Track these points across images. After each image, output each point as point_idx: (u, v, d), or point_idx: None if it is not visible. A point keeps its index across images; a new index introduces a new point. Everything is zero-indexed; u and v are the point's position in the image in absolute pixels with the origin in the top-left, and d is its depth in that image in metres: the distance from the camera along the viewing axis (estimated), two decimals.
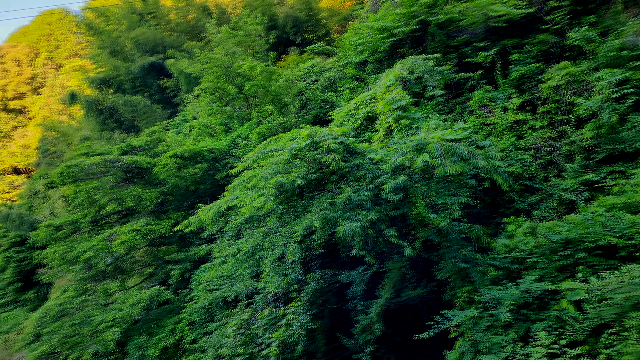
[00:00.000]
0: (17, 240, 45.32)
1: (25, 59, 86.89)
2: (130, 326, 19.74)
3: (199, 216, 12.37)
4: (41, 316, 20.36)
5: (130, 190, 22.24)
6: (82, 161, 22.37)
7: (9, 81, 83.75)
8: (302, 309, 12.53)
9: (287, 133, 13.48)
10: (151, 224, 21.19)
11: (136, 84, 40.32)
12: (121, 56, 41.29)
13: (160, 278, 22.95)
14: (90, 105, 38.32)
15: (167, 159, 21.25)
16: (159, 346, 18.26)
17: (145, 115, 36.32)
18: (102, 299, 21.63)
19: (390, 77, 13.09)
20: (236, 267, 13.75)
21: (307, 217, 10.07)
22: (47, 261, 22.75)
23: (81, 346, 18.72)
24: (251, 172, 11.76)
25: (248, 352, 12.77)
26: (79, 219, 23.82)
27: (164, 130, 28.21)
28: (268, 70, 20.11)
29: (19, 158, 72.11)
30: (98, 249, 20.43)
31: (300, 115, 19.78)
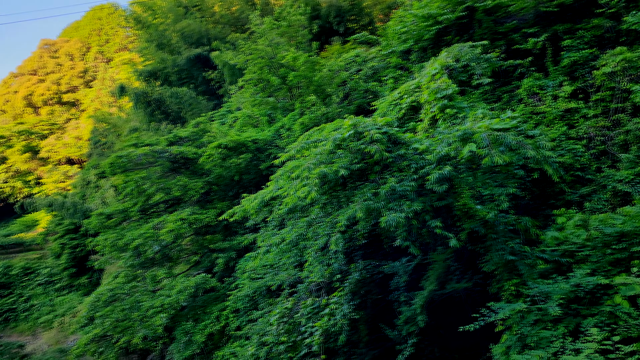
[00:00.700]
0: (71, 227, 47.33)
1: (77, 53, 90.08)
2: (177, 312, 20.29)
3: (243, 206, 12.52)
4: (94, 301, 21.20)
5: (176, 180, 22.78)
6: (131, 152, 23.06)
7: (63, 75, 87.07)
8: (344, 299, 12.55)
9: (330, 123, 13.42)
10: (197, 213, 21.66)
11: (182, 75, 41.15)
12: (168, 49, 42.19)
13: (205, 266, 23.48)
14: (138, 98, 39.39)
15: (212, 150, 21.63)
16: (205, 332, 18.70)
17: (190, 107, 37.05)
18: (151, 285, 22.32)
19: (436, 66, 12.83)
20: (280, 257, 13.90)
21: (351, 208, 10.03)
22: (99, 248, 23.60)
23: (131, 330, 19.40)
24: (295, 163, 11.81)
25: (291, 340, 12.92)
26: (128, 207, 24.60)
27: (209, 121, 28.73)
28: (311, 61, 20.08)
29: (72, 149, 75.00)
30: (146, 237, 21.06)
31: (343, 105, 19.69)
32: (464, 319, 9.83)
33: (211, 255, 22.44)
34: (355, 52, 22.04)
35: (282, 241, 12.53)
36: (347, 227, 11.12)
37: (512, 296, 9.80)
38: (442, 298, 11.95)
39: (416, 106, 13.38)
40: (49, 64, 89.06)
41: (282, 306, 13.82)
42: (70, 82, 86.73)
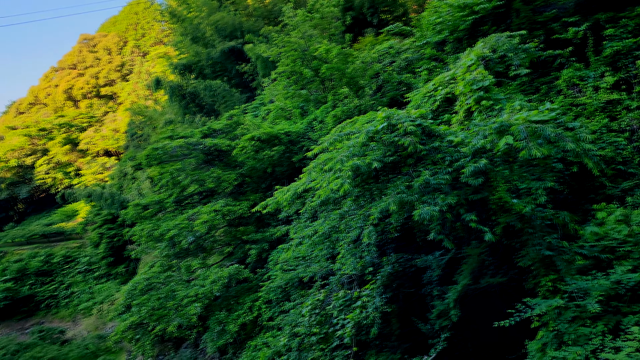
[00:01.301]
0: (109, 218, 48.63)
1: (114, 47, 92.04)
2: (211, 302, 20.62)
3: (276, 198, 12.58)
4: (131, 289, 21.74)
5: (210, 172, 23.09)
6: (166, 144, 23.48)
7: (101, 69, 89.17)
8: (376, 291, 12.53)
9: (363, 116, 13.34)
10: (230, 205, 21.92)
11: (216, 69, 41.60)
12: (202, 42, 42.68)
13: (238, 257, 23.77)
14: (173, 91, 40.03)
15: (246, 142, 21.81)
16: (238, 322, 18.97)
17: (224, 99, 37.44)
18: (185, 275, 22.76)
19: (471, 57, 12.58)
20: (312, 249, 13.96)
21: (384, 200, 9.97)
22: (136, 238, 24.15)
23: (167, 319, 19.83)
24: (327, 155, 11.79)
25: (323, 332, 12.99)
26: (163, 199, 25.09)
27: (242, 114, 29.00)
28: (344, 53, 19.99)
29: (109, 141, 76.90)
30: (181, 227, 21.44)
31: (376, 97, 19.55)
32: (499, 314, 9.68)
33: (244, 247, 22.71)
34: (388, 44, 21.82)
35: (315, 233, 12.57)
36: (380, 219, 11.08)
37: (548, 292, 9.59)
38: (476, 293, 11.78)
39: (451, 98, 13.16)
40: (88, 58, 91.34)
41: (314, 298, 13.89)
42: (108, 76, 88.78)
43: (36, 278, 51.80)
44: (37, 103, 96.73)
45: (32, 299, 49.99)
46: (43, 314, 49.29)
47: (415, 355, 12.10)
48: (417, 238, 13.36)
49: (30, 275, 51.82)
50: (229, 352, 22.06)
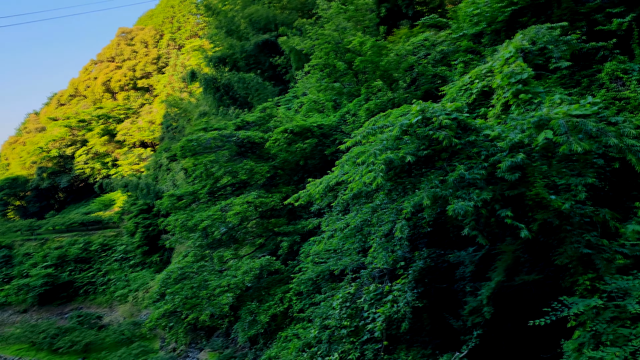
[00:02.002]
0: (144, 207, 49.73)
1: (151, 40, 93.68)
2: (242, 292, 20.90)
3: (308, 190, 12.59)
4: (165, 278, 22.19)
5: (243, 164, 23.30)
6: (200, 136, 23.80)
7: (138, 61, 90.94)
8: (408, 286, 12.45)
9: (396, 109, 13.22)
10: (262, 197, 22.10)
11: (250, 61, 41.87)
12: (236, 35, 43.00)
13: (270, 249, 23.97)
14: (208, 83, 40.50)
15: (278, 134, 21.91)
16: (269, 313, 19.16)
17: (257, 92, 37.68)
18: (218, 265, 23.09)
19: (510, 49, 12.27)
20: (343, 242, 13.93)
21: (417, 194, 9.86)
22: (170, 228, 24.61)
23: (199, 307, 20.19)
24: (360, 148, 11.72)
25: (353, 325, 13.00)
26: (197, 190, 25.47)
27: (275, 107, 29.13)
28: (378, 45, 19.79)
29: (145, 133, 78.52)
30: (214, 218, 21.74)
31: (410, 90, 19.31)
32: (534, 312, 9.49)
33: (276, 239, 22.88)
34: (423, 36, 21.49)
35: (347, 226, 12.55)
36: (413, 214, 10.98)
37: (586, 291, 9.33)
38: (510, 290, 11.57)
39: (487, 91, 12.89)
40: (126, 51, 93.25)
41: (344, 291, 13.90)
42: (145, 69, 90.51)
43: (75, 265, 53.47)
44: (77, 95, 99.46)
45: (71, 285, 51.64)
46: (81, 300, 50.89)
47: (446, 352, 11.97)
48: (450, 233, 13.18)
49: (69, 262, 53.53)
50: (259, 342, 22.32)
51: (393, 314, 12.06)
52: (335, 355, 12.46)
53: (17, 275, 53.18)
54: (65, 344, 40.04)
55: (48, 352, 40.81)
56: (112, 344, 39.45)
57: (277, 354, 16.00)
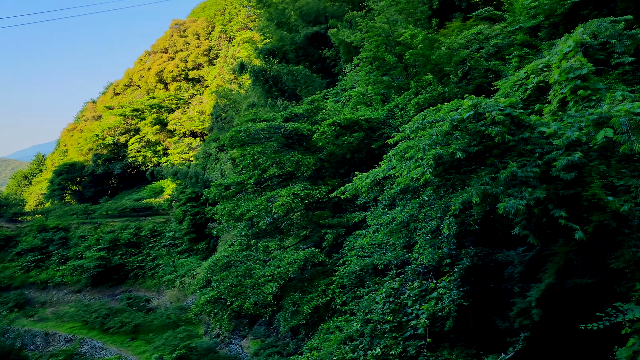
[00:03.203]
0: (193, 196, 50.96)
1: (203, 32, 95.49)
2: (286, 282, 21.11)
3: (354, 184, 12.57)
4: (211, 265, 22.70)
5: (290, 156, 23.48)
6: (249, 127, 24.13)
7: (190, 53, 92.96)
8: (453, 284, 12.25)
9: (446, 104, 12.97)
10: (308, 189, 22.22)
11: (299, 54, 42.06)
12: (286, 27, 43.24)
13: (314, 241, 24.11)
14: (257, 75, 40.96)
15: (326, 127, 21.93)
16: (312, 304, 19.29)
17: (305, 85, 37.82)
18: (262, 255, 23.43)
19: (569, 43, 11.80)
20: (388, 236, 13.83)
21: (466, 191, 9.67)
22: (217, 217, 25.12)
23: (243, 296, 20.54)
24: (408, 143, 11.58)
25: (396, 321, 12.91)
26: (244, 180, 25.88)
27: (323, 99, 29.15)
28: (429, 38, 19.44)
29: (195, 123, 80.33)
30: (260, 209, 22.03)
31: (461, 85, 18.89)
32: (585, 316, 9.16)
33: (320, 231, 22.98)
34: (477, 29, 20.96)
35: (393, 221, 12.45)
36: (461, 211, 10.77)
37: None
38: (561, 293, 11.20)
39: (544, 87, 12.46)
40: (178, 42, 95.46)
41: (388, 286, 13.82)
42: (196, 60, 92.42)
43: (126, 249, 55.47)
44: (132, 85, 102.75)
45: (122, 268, 53.62)
46: (131, 283, 52.78)
47: (492, 353, 11.73)
48: (499, 232, 12.87)
49: (121, 246, 55.57)
50: (301, 332, 22.55)
51: (437, 311, 11.90)
52: (377, 350, 12.42)
53: (72, 257, 55.68)
54: (116, 324, 41.71)
55: (99, 331, 42.61)
56: (159, 327, 40.77)
57: (318, 345, 16.11)
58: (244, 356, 30.80)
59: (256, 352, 26.83)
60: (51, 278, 54.02)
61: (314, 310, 19.74)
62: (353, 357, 12.92)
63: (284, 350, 24.46)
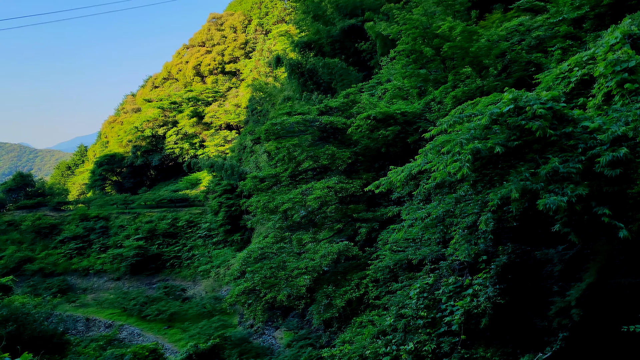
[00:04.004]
0: (228, 188, 51.63)
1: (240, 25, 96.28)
2: (319, 275, 21.18)
3: (389, 178, 12.46)
4: (245, 256, 22.98)
5: (325, 149, 23.49)
6: (284, 120, 24.24)
7: (226, 46, 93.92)
8: (490, 281, 12.04)
9: (485, 97, 12.71)
10: (343, 182, 22.19)
11: (335, 47, 41.93)
12: (322, 20, 43.16)
13: (348, 234, 24.09)
14: (292, 68, 41.07)
15: (361, 121, 21.84)
16: (345, 297, 19.30)
17: (341, 78, 37.70)
18: (296, 247, 23.56)
19: (616, 34, 11.37)
20: (423, 231, 13.70)
21: (505, 187, 9.46)
22: (252, 209, 25.37)
23: (277, 287, 20.72)
24: (445, 137, 11.40)
25: (430, 316, 12.80)
26: (279, 172, 26.04)
27: (358, 93, 29.01)
28: (468, 31, 19.07)
29: (231, 116, 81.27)
30: (295, 201, 22.15)
31: (501, 78, 18.46)
32: (628, 318, 8.86)
33: (354, 224, 22.94)
34: (518, 21, 20.44)
35: (428, 216, 12.31)
36: (499, 207, 10.56)
37: None
38: (602, 293, 10.86)
39: (588, 80, 12.06)
40: (216, 36, 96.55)
41: (422, 281, 13.70)
42: (233, 53, 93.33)
43: (163, 239, 56.70)
44: (170, 78, 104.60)
45: (159, 257, 54.87)
46: (168, 272, 53.96)
47: (528, 352, 11.49)
48: (539, 229, 12.57)
49: (158, 236, 56.84)
50: (333, 325, 22.60)
51: (472, 308, 11.73)
52: (410, 345, 12.34)
53: (112, 245, 57.29)
54: (153, 312, 42.77)
55: (137, 318, 43.77)
56: (194, 316, 41.58)
57: (351, 339, 16.11)
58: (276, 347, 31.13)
59: (289, 344, 27.07)
60: (92, 265, 55.73)
61: (347, 304, 19.74)
62: (386, 351, 12.87)
63: (317, 343, 24.60)
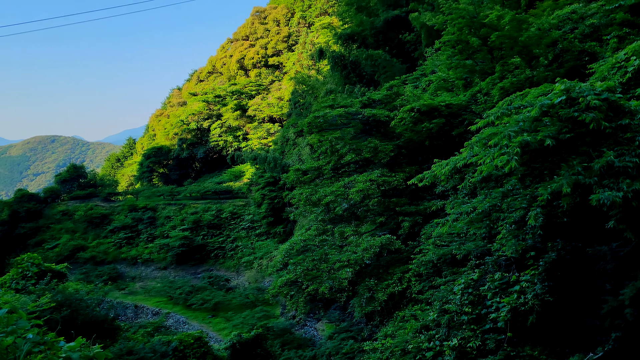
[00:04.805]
0: (271, 180, 52.13)
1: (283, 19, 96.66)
2: (361, 268, 21.14)
3: (433, 171, 12.27)
4: (288, 248, 23.18)
5: (367, 142, 23.34)
6: (327, 113, 24.22)
7: (270, 40, 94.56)
8: (538, 278, 11.69)
9: (535, 88, 12.29)
10: (385, 176, 22.02)
11: (379, 38, 41.53)
12: (366, 11, 42.80)
13: (390, 227, 23.91)
14: (335, 60, 40.95)
15: (404, 113, 21.57)
16: (387, 291, 19.20)
17: (384, 70, 37.33)
18: (338, 240, 23.58)
19: None
20: (468, 226, 13.43)
21: (555, 181, 9.15)
22: (294, 201, 25.54)
23: (319, 280, 20.82)
24: (492, 129, 11.10)
25: (475, 312, 12.56)
26: (322, 165, 26.07)
27: (402, 85, 28.66)
28: (517, 19, 18.45)
29: (274, 109, 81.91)
30: (337, 194, 22.14)
31: (552, 68, 17.79)
32: None
33: (397, 218, 22.75)
34: (571, 8, 19.64)
35: (473, 210, 12.06)
36: (548, 202, 10.22)
37: None
38: None
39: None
40: (259, 29, 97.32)
41: (467, 277, 13.45)
42: (276, 47, 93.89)
43: (208, 230, 57.87)
44: (214, 72, 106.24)
45: (203, 248, 56.07)
46: (212, 263, 55.09)
47: (578, 351, 11.12)
48: (591, 225, 12.09)
49: (203, 227, 58.05)
50: (375, 319, 22.53)
51: (520, 305, 11.43)
52: (454, 341, 12.15)
53: (159, 236, 58.92)
54: (197, 301, 43.81)
55: (183, 306, 44.94)
56: (237, 306, 42.34)
57: (393, 333, 16.01)
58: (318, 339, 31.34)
59: (330, 336, 27.19)
60: (140, 255, 57.50)
61: (389, 298, 19.62)
62: (429, 346, 12.73)
63: (358, 336, 24.61)
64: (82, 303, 17.75)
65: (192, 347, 20.50)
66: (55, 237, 60.30)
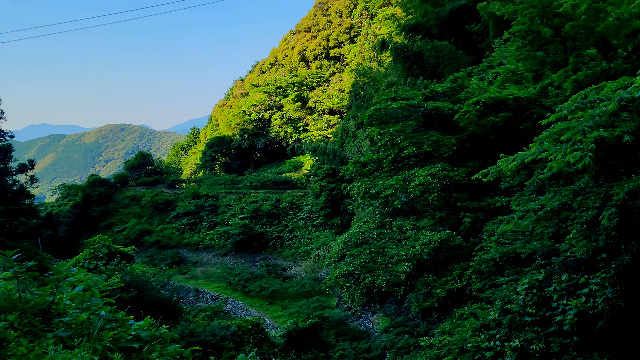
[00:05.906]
0: (330, 172, 52.34)
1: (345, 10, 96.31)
2: (419, 263, 20.83)
3: (499, 166, 11.88)
4: (345, 240, 23.19)
5: (429, 135, 22.90)
6: (388, 105, 23.94)
7: (331, 31, 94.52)
8: (609, 281, 11.09)
9: (612, 81, 11.61)
10: (447, 170, 21.55)
11: (444, 29, 40.53)
12: (431, 1, 41.84)
13: (450, 223, 23.42)
14: (398, 52, 40.36)
15: (469, 106, 20.98)
16: (445, 288, 18.85)
17: (449, 62, 36.42)
18: (397, 234, 23.37)
19: None
20: (535, 224, 12.92)
21: (633, 180, 8.64)
22: (353, 193, 25.49)
23: (376, 273, 20.72)
24: (564, 124, 10.60)
25: (539, 314, 12.10)
26: (381, 158, 25.85)
27: (467, 77, 27.87)
28: (594, 8, 17.45)
29: (334, 100, 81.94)
30: (396, 188, 21.89)
31: (632, 60, 16.73)
32: None
33: (457, 214, 22.25)
34: None
35: (541, 208, 11.58)
36: (624, 201, 9.66)
37: None
38: None
39: None
40: (321, 21, 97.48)
41: (532, 277, 12.96)
42: (337, 38, 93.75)
43: (266, 219, 58.96)
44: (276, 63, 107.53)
45: (262, 236, 57.19)
46: (270, 251, 56.12)
47: None
48: None
49: (262, 216, 59.19)
50: (432, 315, 22.20)
51: (588, 309, 10.90)
52: (516, 342, 11.76)
53: (219, 223, 60.59)
54: (255, 289, 44.83)
55: (241, 293, 46.12)
56: (294, 295, 42.95)
57: (451, 330, 15.71)
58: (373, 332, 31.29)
59: (386, 329, 27.09)
60: (201, 241, 59.36)
61: (448, 294, 19.24)
62: (489, 346, 12.40)
63: (414, 331, 24.36)
64: (148, 285, 18.56)
65: (250, 333, 21.01)
66: (124, 220, 63.29)
